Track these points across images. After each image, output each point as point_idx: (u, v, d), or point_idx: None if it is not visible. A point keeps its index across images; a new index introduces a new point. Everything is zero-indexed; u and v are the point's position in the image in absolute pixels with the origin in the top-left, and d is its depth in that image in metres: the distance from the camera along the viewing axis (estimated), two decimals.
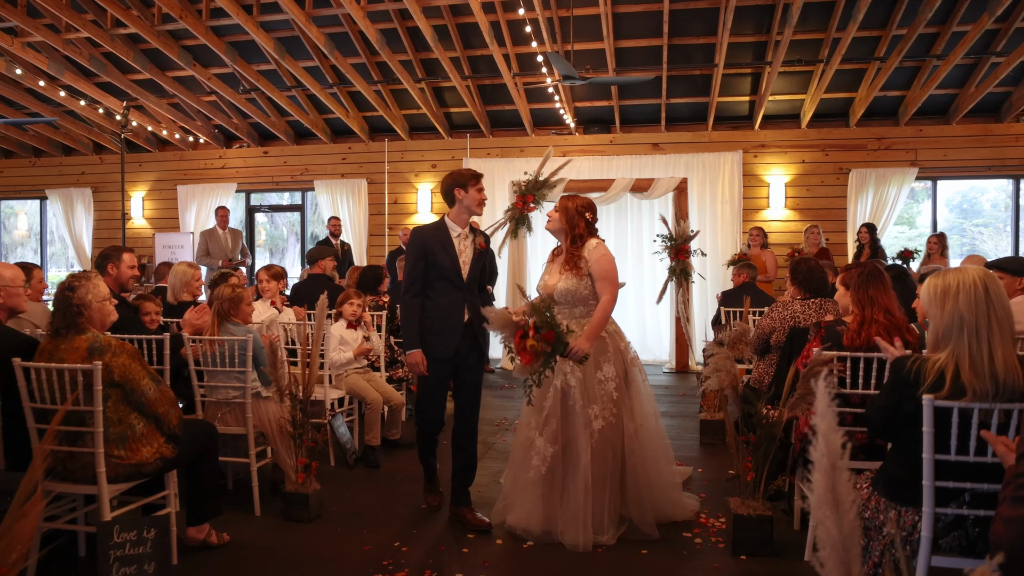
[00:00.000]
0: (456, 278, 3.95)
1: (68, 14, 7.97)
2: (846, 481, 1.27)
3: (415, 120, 10.98)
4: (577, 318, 3.81)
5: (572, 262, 3.81)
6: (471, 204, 3.97)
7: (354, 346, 5.43)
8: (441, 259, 3.93)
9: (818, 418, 1.33)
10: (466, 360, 4.03)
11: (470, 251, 4.01)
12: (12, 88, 10.17)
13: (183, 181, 12.16)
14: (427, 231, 4.04)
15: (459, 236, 4.00)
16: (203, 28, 8.31)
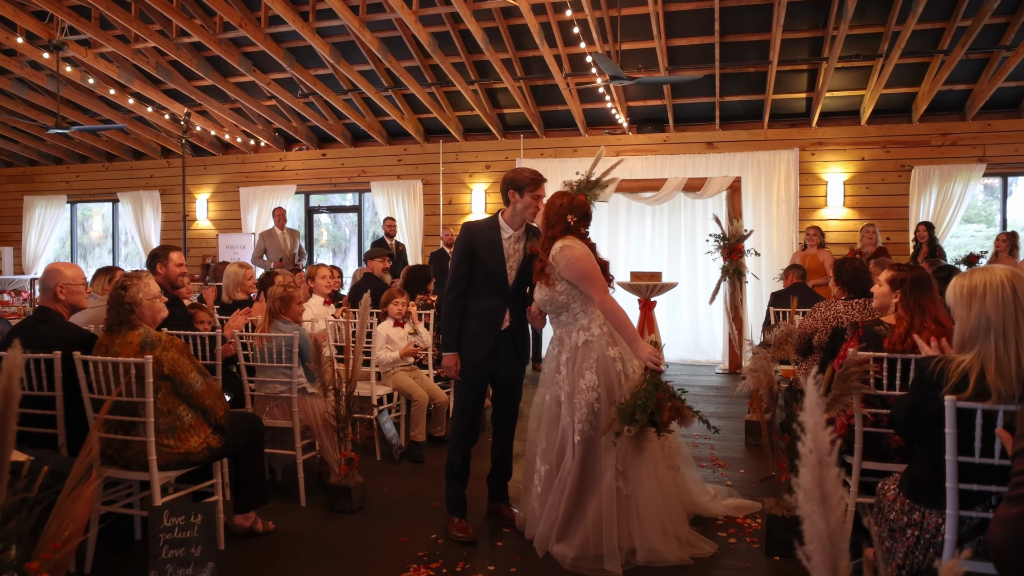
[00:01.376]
0: (501, 282, 3.73)
1: (136, 25, 8.33)
2: (834, 477, 1.28)
3: (469, 121, 11.10)
4: (565, 325, 3.60)
5: (541, 267, 3.56)
6: (523, 210, 3.72)
7: (400, 344, 5.54)
8: (487, 260, 3.72)
9: (806, 414, 1.35)
10: (503, 367, 3.84)
11: (520, 255, 3.75)
12: (86, 96, 10.65)
13: (245, 183, 12.54)
14: (477, 228, 3.81)
15: (510, 238, 3.75)
16: (262, 35, 8.58)
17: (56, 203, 13.75)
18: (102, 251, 14.77)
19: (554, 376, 3.60)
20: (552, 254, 3.50)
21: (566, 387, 3.52)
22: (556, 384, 3.59)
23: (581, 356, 3.50)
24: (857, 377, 3.02)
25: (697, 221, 10.29)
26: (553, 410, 3.61)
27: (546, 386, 3.71)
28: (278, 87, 10.09)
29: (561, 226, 3.56)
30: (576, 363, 3.50)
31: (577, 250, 3.47)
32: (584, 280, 3.46)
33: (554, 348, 3.69)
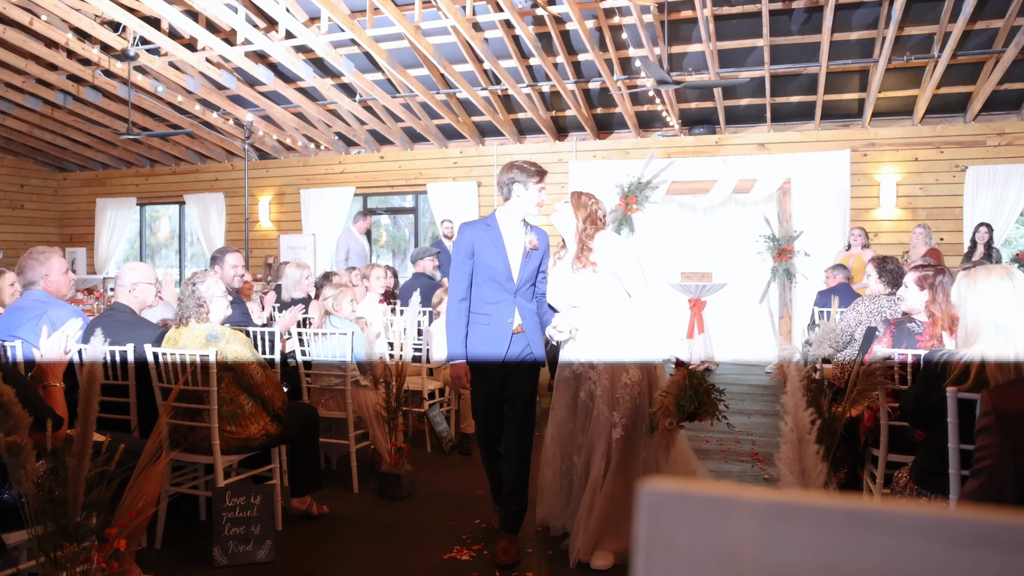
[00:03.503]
0: (506, 280, 3.54)
1: (203, 34, 8.73)
2: (813, 453, 1.41)
3: (523, 124, 11.27)
4: (596, 323, 3.48)
5: (582, 259, 3.46)
6: (528, 204, 3.54)
7: None
8: (489, 258, 3.54)
9: (788, 396, 1.48)
10: (516, 371, 3.58)
11: (522, 251, 3.57)
12: (155, 103, 11.15)
13: (306, 185, 12.93)
14: (475, 227, 3.64)
15: (510, 233, 3.58)
16: (323, 43, 8.88)
17: (126, 205, 14.38)
18: (168, 251, 15.37)
19: (587, 372, 3.48)
20: (597, 243, 3.46)
21: (604, 381, 3.42)
22: (589, 380, 3.48)
23: (625, 349, 3.44)
24: (881, 373, 3.09)
25: (748, 222, 10.27)
26: (587, 405, 3.50)
27: (571, 384, 3.56)
28: (337, 92, 10.41)
29: (596, 222, 3.55)
30: (618, 355, 3.42)
31: (622, 241, 3.55)
32: (631, 272, 3.45)
33: (579, 344, 3.54)
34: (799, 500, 0.40)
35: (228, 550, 3.36)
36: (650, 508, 0.40)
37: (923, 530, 0.39)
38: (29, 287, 3.64)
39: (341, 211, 12.56)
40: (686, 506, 0.41)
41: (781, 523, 0.40)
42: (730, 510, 0.41)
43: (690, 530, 0.40)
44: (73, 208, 14.94)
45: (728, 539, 0.40)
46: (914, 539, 0.38)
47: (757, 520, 0.40)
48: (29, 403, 2.22)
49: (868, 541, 0.39)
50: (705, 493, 0.41)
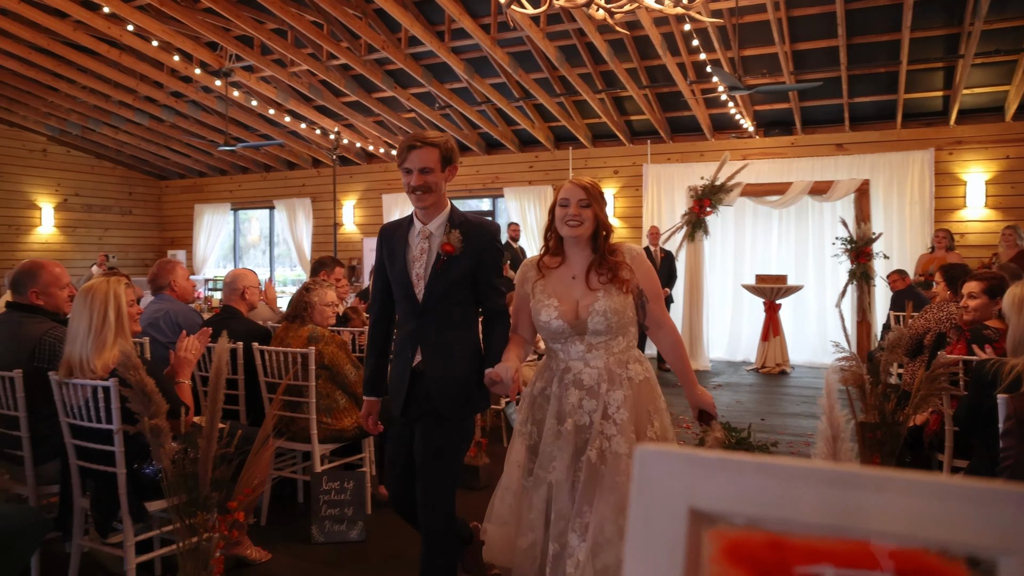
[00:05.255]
0: (410, 296, 2.70)
1: (292, 51, 9.27)
2: (847, 450, 1.62)
3: (597, 128, 11.47)
4: (615, 354, 2.63)
5: (611, 271, 2.60)
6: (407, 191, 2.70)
7: None
8: (394, 269, 2.76)
9: (824, 398, 1.69)
10: (419, 418, 2.73)
11: (429, 256, 2.69)
12: (249, 115, 11.81)
13: (387, 190, 13.44)
14: (390, 227, 2.87)
15: (418, 234, 2.72)
16: (402, 56, 9.31)
17: (221, 210, 15.21)
18: (257, 252, 16.15)
19: (601, 426, 2.55)
20: (630, 254, 2.67)
21: (630, 435, 2.54)
22: (602, 436, 2.55)
23: (644, 396, 2.62)
24: (945, 379, 3.20)
25: (825, 224, 10.22)
26: (597, 469, 2.55)
27: (570, 440, 2.59)
28: (417, 101, 10.83)
29: (608, 220, 2.71)
30: (639, 405, 2.59)
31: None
32: (660, 298, 2.72)
33: (589, 386, 2.60)
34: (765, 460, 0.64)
35: (324, 529, 3.73)
36: (642, 466, 0.65)
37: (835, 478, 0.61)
38: (158, 291, 4.10)
39: None
40: (673, 464, 0.65)
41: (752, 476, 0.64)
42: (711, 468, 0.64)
43: (675, 485, 0.64)
44: (173, 213, 15.89)
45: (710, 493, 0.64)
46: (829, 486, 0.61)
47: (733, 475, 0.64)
48: (166, 393, 2.59)
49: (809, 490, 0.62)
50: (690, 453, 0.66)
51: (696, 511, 0.61)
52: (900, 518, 0.56)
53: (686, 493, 0.62)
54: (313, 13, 8.62)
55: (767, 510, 0.60)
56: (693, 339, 9.65)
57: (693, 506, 0.61)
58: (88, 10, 8.80)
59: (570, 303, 2.62)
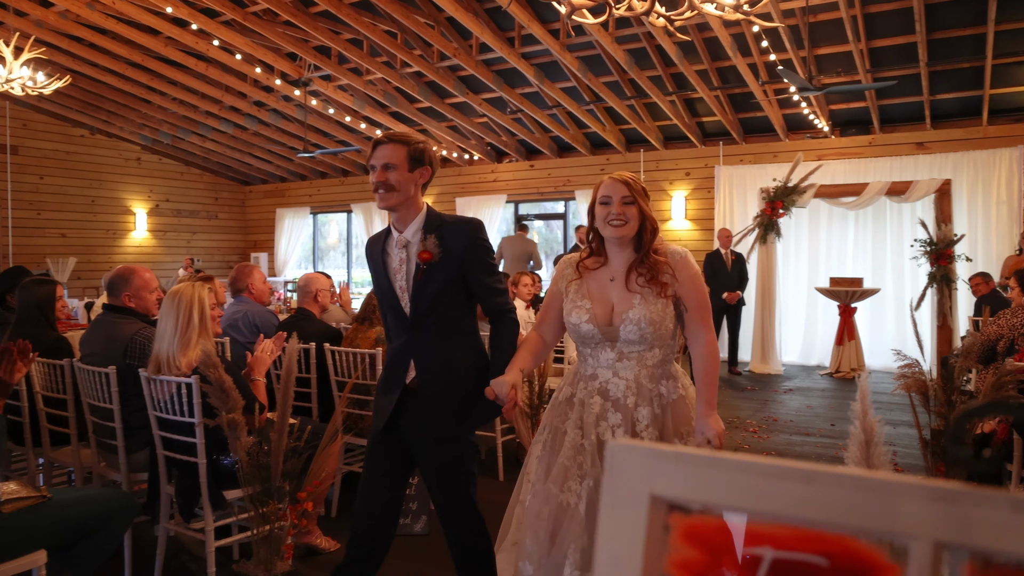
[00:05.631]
0: (397, 310, 2.57)
1: (367, 60, 9.58)
2: (880, 455, 1.66)
3: (668, 130, 11.43)
4: (649, 367, 2.40)
5: (650, 271, 2.40)
6: None
7: None
8: (378, 281, 2.65)
9: (857, 403, 1.73)
10: (414, 438, 2.57)
11: (408, 266, 2.55)
12: (326, 122, 12.23)
13: (460, 194, 13.69)
14: (371, 241, 2.72)
15: (396, 244, 2.58)
16: (473, 62, 9.50)
17: (301, 214, 15.74)
18: (336, 254, 16.65)
19: (610, 416, 2.38)
20: (674, 257, 2.44)
21: None
22: (609, 426, 2.38)
23: (677, 417, 2.41)
24: (1013, 386, 3.15)
25: (904, 225, 9.94)
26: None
27: (596, 456, 2.33)
28: (489, 106, 11.02)
29: (654, 217, 2.49)
30: (668, 426, 2.40)
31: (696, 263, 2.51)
32: (704, 305, 2.46)
33: (615, 398, 2.40)
34: (715, 455, 0.73)
35: None
36: (611, 457, 0.75)
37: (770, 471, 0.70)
38: (238, 294, 4.37)
39: (494, 217, 13.20)
40: (637, 456, 0.75)
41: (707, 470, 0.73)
42: (669, 460, 0.74)
43: (638, 474, 0.74)
44: (256, 217, 16.53)
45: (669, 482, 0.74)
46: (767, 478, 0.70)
47: (688, 467, 0.74)
48: (242, 390, 2.80)
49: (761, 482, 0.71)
50: (651, 447, 0.75)
51: (656, 497, 0.71)
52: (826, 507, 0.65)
53: (648, 481, 0.72)
54: (387, 23, 8.89)
55: (717, 498, 0.69)
56: (765, 342, 9.54)
57: (653, 493, 0.71)
58: (178, 27, 9.30)
59: (604, 306, 2.41)
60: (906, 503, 0.62)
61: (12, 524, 2.41)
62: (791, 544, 0.70)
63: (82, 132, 13.77)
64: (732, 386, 8.58)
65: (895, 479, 0.62)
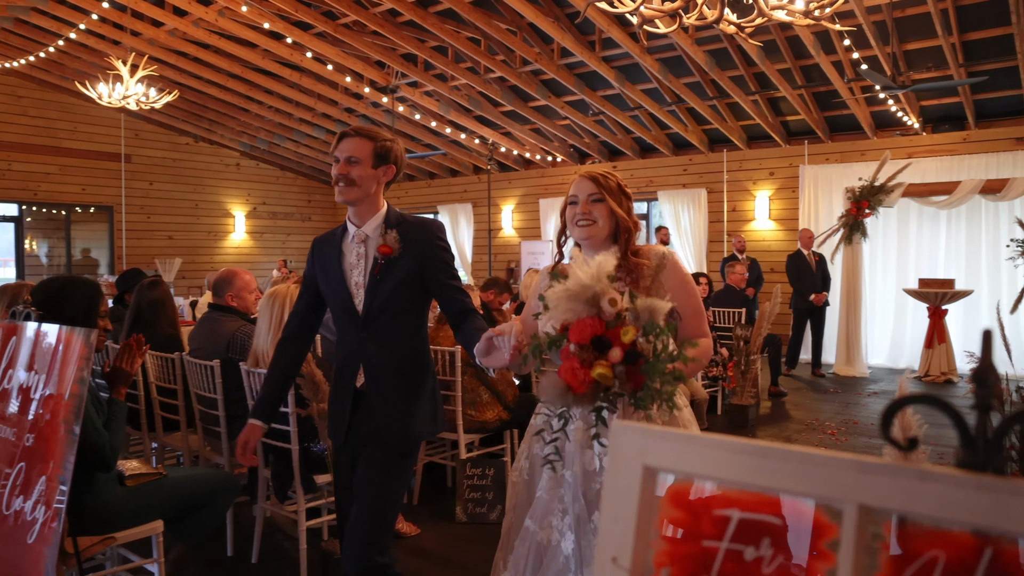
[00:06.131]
0: (349, 309, 2.45)
1: (452, 66, 9.89)
2: (920, 455, 1.76)
3: (752, 130, 11.34)
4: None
5: (632, 280, 2.14)
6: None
7: None
8: (329, 280, 2.50)
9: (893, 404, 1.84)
10: (364, 448, 2.45)
11: (366, 262, 2.45)
12: (413, 127, 12.64)
13: (544, 195, 13.89)
14: (322, 238, 2.63)
15: (353, 239, 2.47)
16: (555, 67, 9.68)
17: None
18: None
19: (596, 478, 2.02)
20: (660, 260, 2.19)
21: None
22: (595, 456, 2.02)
23: None
24: None
25: (1002, 225, 9.58)
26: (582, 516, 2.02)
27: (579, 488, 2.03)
28: (571, 109, 11.18)
29: (636, 226, 2.27)
30: None
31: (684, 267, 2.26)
32: (699, 312, 2.20)
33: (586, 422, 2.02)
34: (695, 434, 0.89)
35: (467, 510, 4.13)
36: (615, 436, 0.93)
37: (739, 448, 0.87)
38: None
39: None
40: (633, 434, 0.92)
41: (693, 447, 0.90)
42: (657, 438, 0.91)
43: (634, 449, 0.91)
44: None
45: (657, 456, 0.91)
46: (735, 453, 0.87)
47: (672, 443, 0.91)
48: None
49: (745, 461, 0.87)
50: (644, 427, 0.93)
51: (648, 467, 0.89)
52: (779, 477, 0.81)
53: (641, 455, 0.89)
54: (471, 30, 9.17)
55: (696, 469, 0.86)
56: (850, 344, 9.37)
57: (646, 464, 0.89)
58: (274, 40, 9.84)
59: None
60: (839, 474, 0.78)
61: (135, 496, 2.74)
62: (754, 507, 0.87)
63: (187, 140, 14.64)
64: (815, 388, 8.49)
65: (831, 455, 0.78)
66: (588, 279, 1.74)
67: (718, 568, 0.86)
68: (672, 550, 0.89)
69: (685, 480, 0.91)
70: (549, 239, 13.45)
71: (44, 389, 2.14)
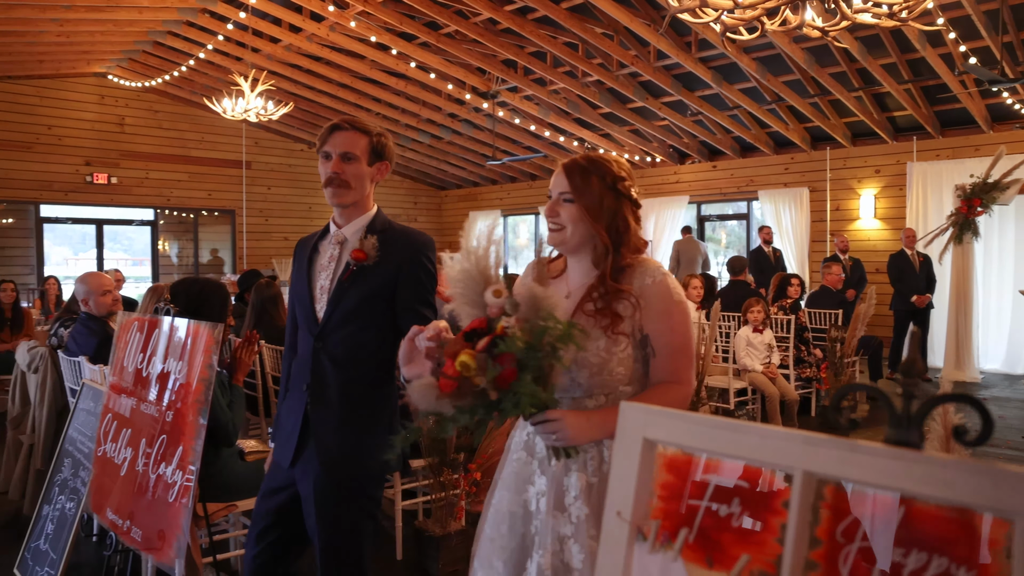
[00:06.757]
0: (309, 315, 2.22)
1: (550, 71, 10.15)
2: (959, 448, 1.87)
3: (856, 127, 11.06)
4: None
5: (605, 306, 1.77)
6: (325, 185, 2.24)
7: (760, 349, 6.23)
8: (297, 279, 2.32)
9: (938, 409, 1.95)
10: (303, 477, 2.16)
11: (336, 267, 2.23)
12: (514, 130, 12.96)
13: (643, 195, 13.59)
14: (304, 239, 2.42)
15: (331, 240, 2.27)
16: (651, 69, 9.78)
17: (492, 216, 16.66)
18: (528, 254, 17.44)
19: (553, 519, 1.73)
20: (642, 283, 1.79)
21: (588, 541, 1.67)
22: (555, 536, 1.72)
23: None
24: None
25: None
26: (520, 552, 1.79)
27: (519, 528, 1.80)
28: (668, 110, 11.23)
29: (630, 218, 1.86)
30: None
31: (681, 291, 1.84)
32: (682, 352, 1.78)
33: (541, 456, 1.80)
34: (685, 413, 1.09)
35: None
36: (623, 414, 1.14)
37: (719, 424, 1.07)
38: None
39: (676, 219, 13.34)
40: (637, 412, 1.13)
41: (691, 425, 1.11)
42: (655, 415, 1.12)
43: (637, 424, 1.12)
44: (451, 220, 17.72)
45: (655, 430, 1.12)
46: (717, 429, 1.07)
47: (666, 419, 1.12)
48: None
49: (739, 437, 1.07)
50: (645, 406, 1.14)
51: (647, 440, 1.10)
52: (747, 449, 1.02)
53: (642, 429, 1.11)
54: (568, 35, 9.39)
55: (685, 442, 1.08)
56: (960, 349, 9.04)
57: (646, 437, 1.10)
58: (380, 51, 10.36)
59: None
60: (790, 446, 0.98)
61: (252, 471, 3.12)
62: (727, 473, 1.08)
63: (302, 147, 15.49)
64: None
65: (784, 431, 0.98)
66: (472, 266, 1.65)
67: (699, 522, 1.07)
68: (664, 507, 1.10)
69: (677, 450, 1.12)
70: (648, 239, 13.51)
71: (179, 375, 2.52)
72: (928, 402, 0.94)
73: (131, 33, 11.06)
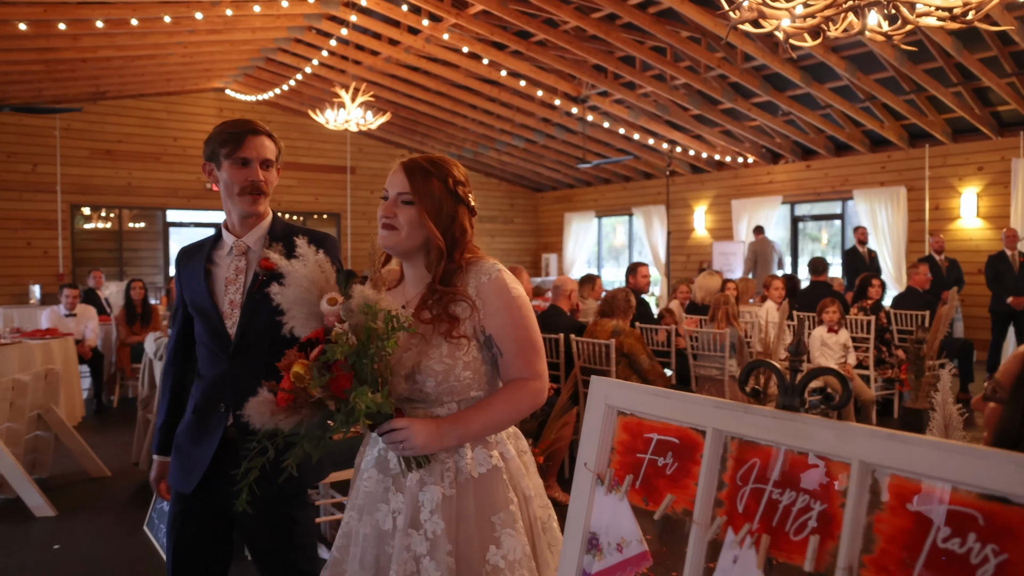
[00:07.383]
0: (218, 332, 2.10)
1: (639, 75, 10.36)
2: (960, 437, 2.06)
3: (957, 123, 10.74)
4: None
5: (441, 310, 1.75)
6: (229, 192, 2.12)
7: (834, 349, 6.28)
8: (194, 298, 2.16)
9: (940, 394, 2.14)
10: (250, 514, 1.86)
11: (244, 280, 2.13)
12: (605, 133, 13.20)
13: (736, 196, 13.90)
14: (188, 249, 2.28)
15: (231, 251, 2.15)
16: (738, 71, 9.84)
17: (587, 218, 16.93)
18: (622, 256, 17.62)
19: (408, 537, 1.69)
20: (478, 282, 1.77)
21: (446, 558, 1.66)
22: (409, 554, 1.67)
23: (484, 500, 1.73)
24: None
25: None
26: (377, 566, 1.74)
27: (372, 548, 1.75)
28: (758, 110, 11.21)
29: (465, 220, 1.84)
30: (473, 513, 1.72)
31: (519, 286, 1.83)
32: (528, 346, 1.79)
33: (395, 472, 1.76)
34: (640, 386, 1.39)
35: None
36: (593, 386, 1.45)
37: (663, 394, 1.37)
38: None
39: (770, 219, 13.24)
40: (603, 385, 1.44)
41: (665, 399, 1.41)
42: (616, 387, 1.42)
43: (602, 393, 1.43)
44: (547, 221, 18.07)
45: (616, 398, 1.42)
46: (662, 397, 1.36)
47: (624, 390, 1.41)
48: None
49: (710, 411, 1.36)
50: (610, 380, 1.44)
51: (609, 406, 1.41)
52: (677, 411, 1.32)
53: (606, 397, 1.42)
54: (655, 40, 9.57)
55: (637, 407, 1.38)
56: None
57: (608, 404, 1.41)
58: (474, 60, 10.81)
59: None
60: (704, 409, 1.27)
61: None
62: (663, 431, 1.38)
63: (402, 152, 16.18)
64: None
65: (703, 399, 1.27)
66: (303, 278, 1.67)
67: (643, 471, 1.37)
68: (619, 459, 1.41)
69: (631, 414, 1.42)
70: (741, 240, 13.46)
71: None
72: (807, 374, 1.21)
73: (246, 51, 11.95)
